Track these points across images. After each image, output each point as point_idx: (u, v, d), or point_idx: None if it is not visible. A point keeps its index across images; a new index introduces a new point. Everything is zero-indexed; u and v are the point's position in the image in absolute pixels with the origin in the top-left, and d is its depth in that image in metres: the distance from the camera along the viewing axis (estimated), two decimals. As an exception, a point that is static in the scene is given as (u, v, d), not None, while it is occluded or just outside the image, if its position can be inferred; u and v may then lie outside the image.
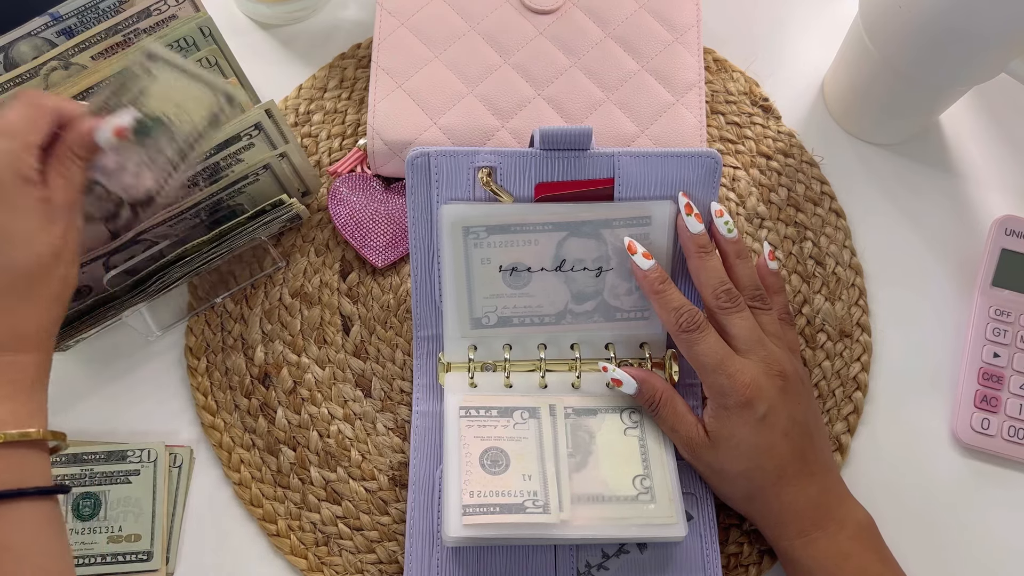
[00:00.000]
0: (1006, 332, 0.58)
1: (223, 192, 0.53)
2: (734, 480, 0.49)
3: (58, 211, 0.43)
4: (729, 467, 0.48)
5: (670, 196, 0.52)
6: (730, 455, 0.48)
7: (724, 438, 0.48)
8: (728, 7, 0.69)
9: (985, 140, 0.66)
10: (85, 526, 0.52)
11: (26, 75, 0.54)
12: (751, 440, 0.47)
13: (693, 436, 0.49)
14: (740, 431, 0.47)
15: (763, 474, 0.48)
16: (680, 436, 0.50)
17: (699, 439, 0.49)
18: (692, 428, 0.49)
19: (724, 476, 0.49)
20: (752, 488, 0.49)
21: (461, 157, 0.51)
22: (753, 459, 0.48)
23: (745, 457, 0.48)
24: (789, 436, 0.48)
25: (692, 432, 0.49)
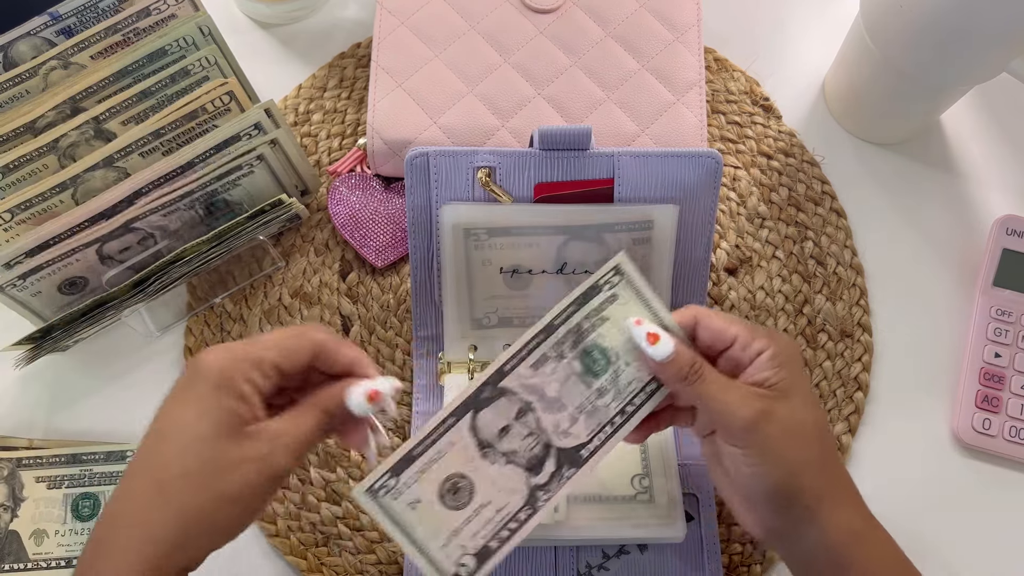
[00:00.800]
0: (1007, 332, 0.58)
1: (217, 182, 0.53)
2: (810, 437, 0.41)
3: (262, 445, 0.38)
4: (805, 416, 0.41)
5: (671, 197, 0.51)
6: (805, 403, 0.41)
7: (796, 384, 0.41)
8: (729, 6, 0.69)
9: (986, 140, 0.65)
10: (85, 526, 0.52)
11: (25, 74, 0.54)
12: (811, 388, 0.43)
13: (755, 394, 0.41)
14: (806, 379, 0.43)
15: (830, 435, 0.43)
16: (736, 398, 0.41)
17: (763, 395, 0.41)
18: (748, 389, 0.41)
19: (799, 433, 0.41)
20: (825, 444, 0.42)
21: (460, 157, 0.51)
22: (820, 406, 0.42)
23: (815, 404, 0.42)
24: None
25: (751, 392, 0.41)
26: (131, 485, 0.38)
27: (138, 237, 0.53)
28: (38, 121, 0.53)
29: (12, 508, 0.52)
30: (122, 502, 0.38)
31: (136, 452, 0.38)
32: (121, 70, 0.54)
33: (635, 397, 0.43)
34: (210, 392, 0.38)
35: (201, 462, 0.37)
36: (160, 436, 0.38)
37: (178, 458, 0.37)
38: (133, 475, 0.38)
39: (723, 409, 0.41)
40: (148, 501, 0.37)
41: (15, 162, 0.52)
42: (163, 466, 0.37)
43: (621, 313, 0.43)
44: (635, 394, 0.43)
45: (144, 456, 0.38)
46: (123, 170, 0.53)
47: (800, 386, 0.42)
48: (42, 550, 0.52)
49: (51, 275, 0.52)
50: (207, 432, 0.37)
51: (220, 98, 0.54)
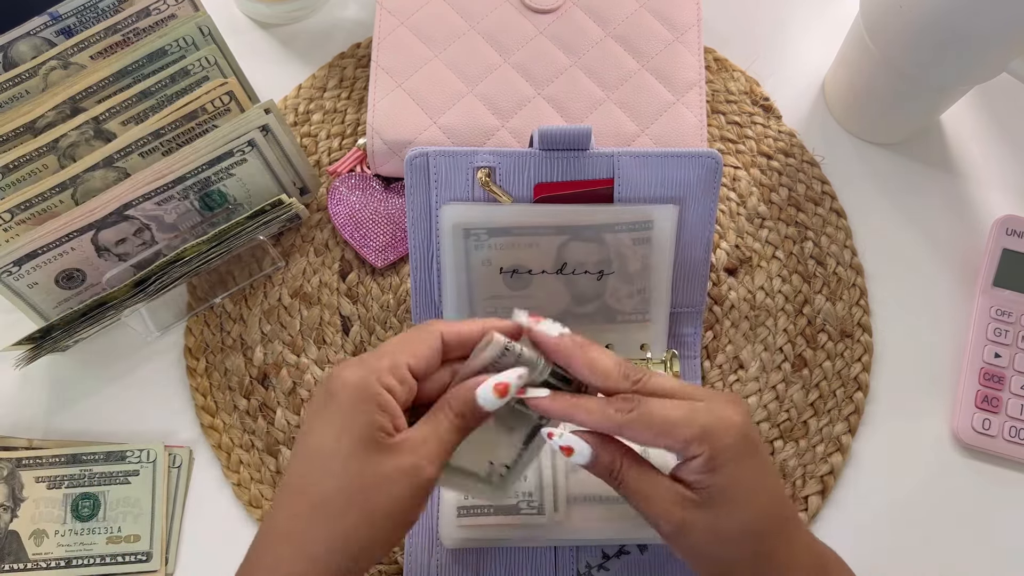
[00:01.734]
0: (1007, 332, 0.58)
1: (208, 169, 0.53)
2: (738, 542, 0.39)
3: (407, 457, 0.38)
4: (731, 524, 0.39)
5: (670, 197, 0.51)
6: (732, 509, 0.39)
7: (722, 489, 0.39)
8: (729, 6, 0.69)
9: (986, 140, 0.65)
10: (84, 527, 0.52)
11: (25, 75, 0.54)
12: (755, 483, 0.39)
13: (678, 498, 0.39)
14: (743, 475, 0.39)
15: (770, 525, 0.40)
16: (658, 505, 0.39)
17: (686, 500, 0.39)
18: (673, 490, 0.39)
19: (726, 540, 0.39)
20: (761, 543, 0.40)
21: (460, 157, 0.51)
22: (758, 506, 0.39)
23: (749, 505, 0.39)
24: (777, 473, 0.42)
25: (675, 494, 0.39)
26: (284, 505, 0.38)
27: (133, 228, 0.53)
28: (38, 121, 0.53)
29: (12, 508, 0.53)
30: (276, 521, 0.38)
31: (285, 474, 0.39)
32: (121, 70, 0.54)
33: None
34: (349, 409, 0.38)
35: (349, 481, 0.37)
36: (307, 458, 0.38)
37: (327, 479, 0.37)
38: (285, 496, 0.38)
39: (648, 514, 0.40)
40: (303, 521, 0.37)
41: (15, 162, 0.52)
42: (313, 488, 0.37)
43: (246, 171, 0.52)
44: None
45: (293, 478, 0.38)
46: (123, 170, 0.53)
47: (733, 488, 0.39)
48: (42, 550, 0.52)
49: (47, 264, 0.51)
50: (351, 451, 0.37)
51: (220, 98, 0.54)
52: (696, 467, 0.39)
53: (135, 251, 0.55)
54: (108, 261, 0.54)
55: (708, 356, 0.58)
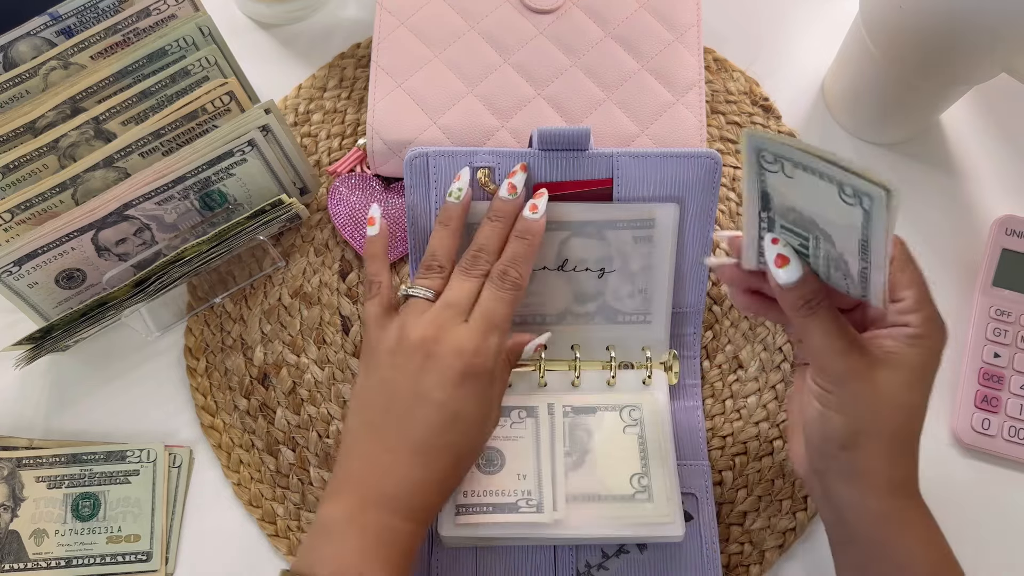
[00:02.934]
0: (1007, 332, 0.58)
1: (208, 169, 0.53)
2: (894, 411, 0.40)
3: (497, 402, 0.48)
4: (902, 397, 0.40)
5: (670, 197, 0.52)
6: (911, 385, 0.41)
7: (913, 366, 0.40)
8: (728, 7, 0.69)
9: (985, 140, 0.65)
10: (84, 526, 0.52)
11: (25, 75, 0.54)
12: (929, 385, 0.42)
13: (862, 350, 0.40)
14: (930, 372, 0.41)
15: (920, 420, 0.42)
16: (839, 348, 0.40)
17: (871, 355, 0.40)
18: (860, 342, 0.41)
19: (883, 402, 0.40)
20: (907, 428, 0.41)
21: (459, 157, 0.51)
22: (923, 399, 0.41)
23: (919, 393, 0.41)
24: None
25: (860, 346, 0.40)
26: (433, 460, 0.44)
27: (134, 228, 0.53)
28: (38, 121, 0.53)
29: (12, 508, 0.53)
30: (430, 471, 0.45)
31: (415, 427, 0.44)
32: (121, 70, 0.54)
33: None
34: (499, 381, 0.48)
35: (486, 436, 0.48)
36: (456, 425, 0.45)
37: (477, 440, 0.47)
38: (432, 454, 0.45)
39: (821, 352, 0.40)
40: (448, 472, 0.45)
41: (15, 162, 0.52)
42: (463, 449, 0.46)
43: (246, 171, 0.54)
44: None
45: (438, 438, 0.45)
46: (123, 170, 0.53)
47: (918, 370, 0.40)
48: (42, 550, 0.52)
49: (47, 264, 0.52)
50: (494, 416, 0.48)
51: (220, 98, 0.54)
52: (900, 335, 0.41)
53: (135, 251, 0.55)
54: (108, 261, 0.54)
55: (708, 356, 0.58)
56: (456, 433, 0.44)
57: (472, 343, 0.45)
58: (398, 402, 0.45)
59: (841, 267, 0.39)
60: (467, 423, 0.45)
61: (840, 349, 0.40)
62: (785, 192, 0.39)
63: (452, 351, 0.45)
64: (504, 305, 0.47)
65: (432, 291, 0.48)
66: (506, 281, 0.48)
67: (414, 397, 0.44)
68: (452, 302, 0.47)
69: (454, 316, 0.46)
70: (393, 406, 0.45)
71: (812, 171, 0.36)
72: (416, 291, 0.48)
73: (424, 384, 0.44)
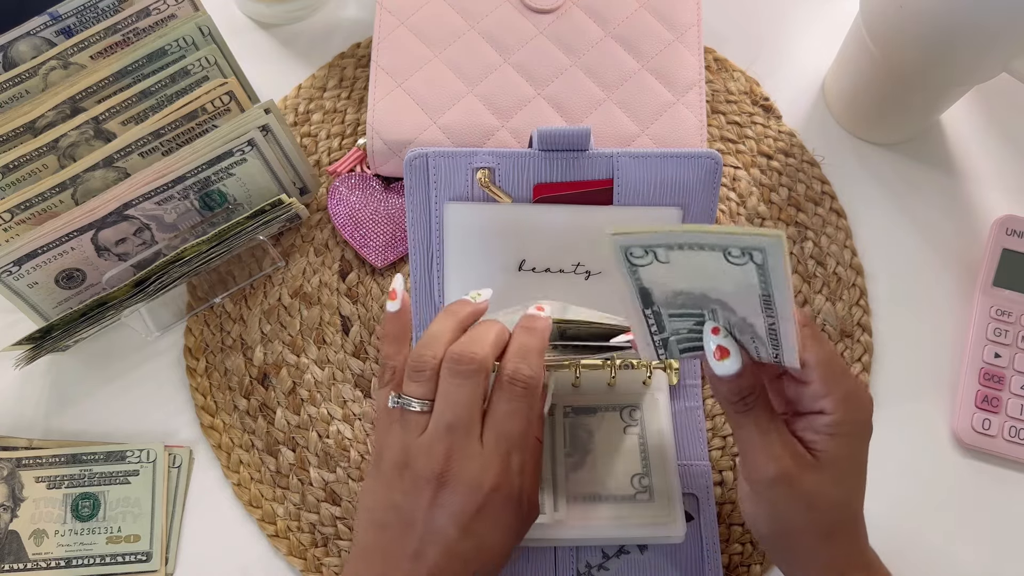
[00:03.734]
0: (1007, 332, 0.58)
1: (208, 169, 0.53)
2: (827, 511, 0.40)
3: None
4: (830, 494, 0.40)
5: (670, 197, 0.51)
6: (836, 479, 0.40)
7: (839, 459, 0.39)
8: (729, 6, 0.68)
9: (985, 140, 0.65)
10: (84, 526, 0.52)
11: (25, 75, 0.54)
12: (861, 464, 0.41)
13: (791, 451, 0.39)
14: (857, 452, 0.40)
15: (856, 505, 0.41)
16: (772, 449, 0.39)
17: (800, 456, 0.39)
18: (790, 442, 0.40)
19: (815, 507, 0.40)
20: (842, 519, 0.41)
21: (459, 158, 0.51)
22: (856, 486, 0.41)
23: (851, 483, 0.41)
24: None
25: (790, 446, 0.39)
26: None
27: (133, 227, 0.53)
28: (38, 121, 0.53)
29: (12, 508, 0.53)
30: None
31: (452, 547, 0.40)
32: (121, 70, 0.54)
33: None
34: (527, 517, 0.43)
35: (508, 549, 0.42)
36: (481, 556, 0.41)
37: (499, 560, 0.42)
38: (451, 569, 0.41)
39: (753, 452, 0.40)
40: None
41: (15, 162, 0.52)
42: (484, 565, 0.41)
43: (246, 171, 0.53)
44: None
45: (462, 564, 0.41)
46: (123, 170, 0.53)
47: (845, 461, 0.40)
48: (42, 550, 0.52)
49: (47, 263, 0.51)
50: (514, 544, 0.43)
51: (220, 98, 0.54)
52: (819, 426, 0.39)
53: (135, 251, 0.55)
54: (108, 261, 0.54)
55: (708, 356, 0.57)
56: (477, 561, 0.41)
57: (490, 476, 0.40)
58: (413, 530, 0.40)
59: (747, 331, 0.38)
60: (491, 551, 0.41)
61: (772, 454, 0.39)
62: (666, 279, 0.38)
63: (467, 486, 0.40)
64: (519, 420, 0.41)
65: (428, 401, 0.42)
66: (516, 385, 0.41)
67: (429, 530, 0.40)
68: (454, 424, 0.41)
69: (465, 437, 0.41)
70: (408, 533, 0.41)
71: (688, 247, 0.35)
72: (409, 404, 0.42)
73: (438, 518, 0.40)
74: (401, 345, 0.44)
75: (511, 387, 0.41)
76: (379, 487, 0.42)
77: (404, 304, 0.44)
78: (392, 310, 0.44)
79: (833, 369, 0.39)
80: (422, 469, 0.41)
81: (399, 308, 0.44)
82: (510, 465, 0.41)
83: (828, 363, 0.39)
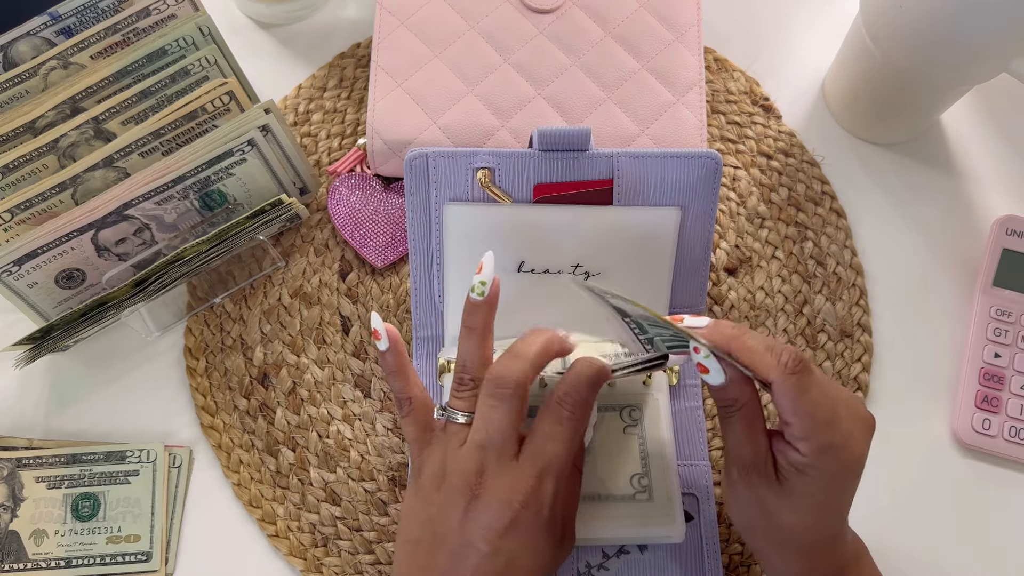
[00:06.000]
0: (1007, 332, 0.58)
1: (208, 169, 0.53)
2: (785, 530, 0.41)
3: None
4: (789, 518, 0.40)
5: (670, 197, 0.51)
6: (799, 509, 0.40)
7: (802, 493, 0.40)
8: (729, 6, 0.68)
9: (986, 140, 0.65)
10: (84, 526, 0.52)
11: (25, 75, 0.54)
12: (833, 503, 0.40)
13: (760, 465, 0.40)
14: (829, 494, 0.40)
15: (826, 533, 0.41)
16: (742, 458, 0.41)
17: (766, 473, 0.40)
18: (762, 456, 0.40)
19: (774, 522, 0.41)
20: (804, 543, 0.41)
21: (459, 158, 0.51)
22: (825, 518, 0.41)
23: (817, 515, 0.41)
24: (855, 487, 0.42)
25: (760, 461, 0.40)
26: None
27: (133, 227, 0.53)
28: (38, 121, 0.53)
29: (12, 508, 0.53)
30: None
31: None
32: (121, 70, 0.54)
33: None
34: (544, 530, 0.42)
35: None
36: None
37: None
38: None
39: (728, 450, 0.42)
40: None
41: (15, 162, 0.52)
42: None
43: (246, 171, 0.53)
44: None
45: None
46: (123, 170, 0.53)
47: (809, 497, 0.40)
48: (42, 550, 0.52)
49: (47, 263, 0.51)
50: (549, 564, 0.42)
51: (220, 98, 0.54)
52: (792, 458, 0.39)
53: (135, 251, 0.55)
54: (108, 261, 0.54)
55: (708, 356, 0.57)
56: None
57: (521, 493, 0.40)
58: (445, 545, 0.41)
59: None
60: (523, 571, 0.41)
61: (742, 461, 0.41)
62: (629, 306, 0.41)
63: (498, 501, 0.40)
64: (559, 443, 0.42)
65: (471, 413, 0.43)
66: (563, 409, 0.42)
67: (460, 545, 0.40)
68: (486, 443, 0.41)
69: (498, 456, 0.41)
70: (440, 548, 0.41)
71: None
72: (454, 416, 0.43)
73: (469, 532, 0.40)
74: (406, 377, 0.45)
75: (558, 410, 0.42)
76: (416, 503, 0.43)
77: (392, 338, 0.44)
78: (383, 349, 0.44)
79: (816, 419, 0.38)
80: (457, 481, 0.41)
81: (387, 346, 0.44)
82: (543, 486, 0.41)
83: (811, 413, 0.38)
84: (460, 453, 0.42)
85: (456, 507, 0.41)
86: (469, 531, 0.40)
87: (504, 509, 0.40)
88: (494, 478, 0.41)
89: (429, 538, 0.41)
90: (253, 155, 0.54)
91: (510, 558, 0.40)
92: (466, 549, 0.40)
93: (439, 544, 0.41)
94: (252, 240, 0.55)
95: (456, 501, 0.41)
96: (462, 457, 0.42)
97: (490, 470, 0.41)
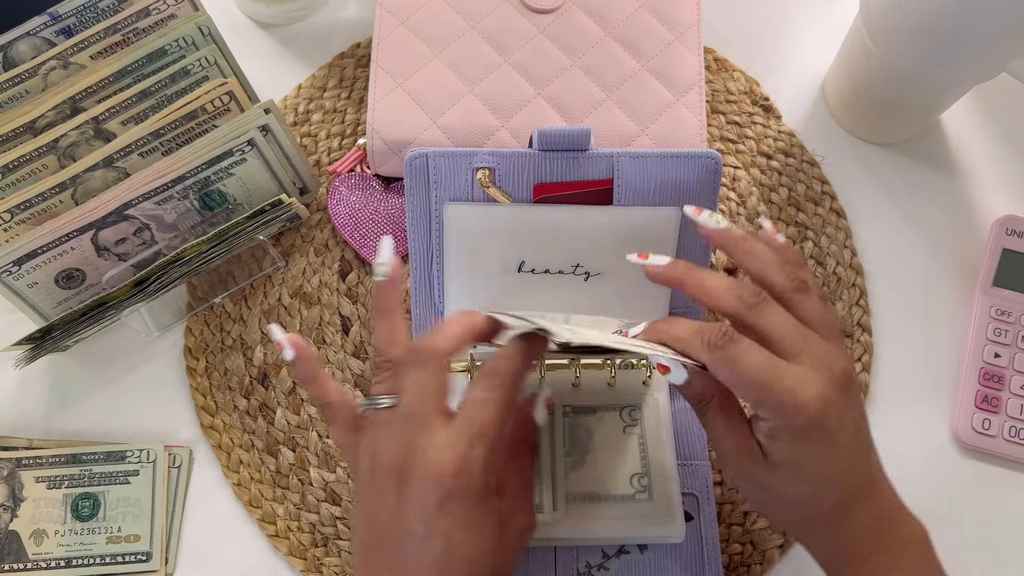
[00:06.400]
0: (1007, 332, 0.58)
1: (208, 169, 0.53)
2: (792, 507, 0.41)
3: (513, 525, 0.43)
4: (788, 491, 0.40)
5: (670, 197, 0.51)
6: (791, 479, 0.40)
7: (785, 462, 0.39)
8: (729, 6, 0.68)
9: (985, 140, 0.65)
10: (84, 526, 0.52)
11: (25, 75, 0.54)
12: (819, 464, 0.39)
13: (745, 450, 0.40)
14: (806, 455, 0.39)
15: (829, 501, 0.40)
16: (728, 448, 0.41)
17: (753, 455, 0.40)
18: (745, 441, 0.40)
19: (780, 501, 0.41)
20: (811, 516, 0.41)
21: (459, 158, 0.51)
22: (819, 484, 0.40)
23: (810, 482, 0.40)
24: (858, 451, 0.40)
25: (744, 446, 0.40)
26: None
27: (133, 227, 0.53)
28: (38, 121, 0.53)
29: (12, 508, 0.53)
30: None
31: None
32: (121, 70, 0.54)
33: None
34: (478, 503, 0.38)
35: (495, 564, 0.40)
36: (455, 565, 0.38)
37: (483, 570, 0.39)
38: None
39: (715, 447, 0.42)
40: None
41: (15, 162, 0.52)
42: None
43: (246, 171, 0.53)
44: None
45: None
46: (123, 170, 0.53)
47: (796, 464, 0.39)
48: (42, 550, 0.52)
49: (47, 263, 0.52)
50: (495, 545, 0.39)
51: (220, 98, 0.54)
52: (762, 429, 0.40)
53: (135, 251, 0.55)
54: (108, 261, 0.54)
55: (708, 356, 0.57)
56: (458, 571, 0.38)
57: (451, 462, 0.37)
58: (385, 538, 0.39)
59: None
60: (465, 555, 0.38)
61: (728, 451, 0.41)
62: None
63: (428, 476, 0.37)
64: (491, 408, 0.39)
65: (392, 396, 0.41)
66: (492, 377, 0.40)
67: (399, 534, 0.38)
68: (411, 410, 0.39)
69: (422, 428, 0.38)
70: (382, 544, 0.39)
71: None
72: (377, 402, 0.41)
73: (405, 517, 0.38)
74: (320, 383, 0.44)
75: (486, 377, 0.40)
76: (358, 505, 0.41)
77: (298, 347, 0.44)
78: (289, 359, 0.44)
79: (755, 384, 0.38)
80: (385, 464, 0.39)
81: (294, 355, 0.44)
82: (473, 452, 0.38)
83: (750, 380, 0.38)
84: (383, 434, 0.39)
85: (389, 493, 0.38)
86: (405, 516, 0.38)
87: (435, 483, 0.37)
88: (422, 453, 0.38)
89: (372, 536, 0.39)
90: (253, 155, 0.54)
91: (449, 539, 0.37)
92: (405, 538, 0.38)
93: (380, 540, 0.39)
94: (252, 240, 0.55)
95: (387, 487, 0.38)
96: (385, 437, 0.39)
97: (417, 444, 0.38)
